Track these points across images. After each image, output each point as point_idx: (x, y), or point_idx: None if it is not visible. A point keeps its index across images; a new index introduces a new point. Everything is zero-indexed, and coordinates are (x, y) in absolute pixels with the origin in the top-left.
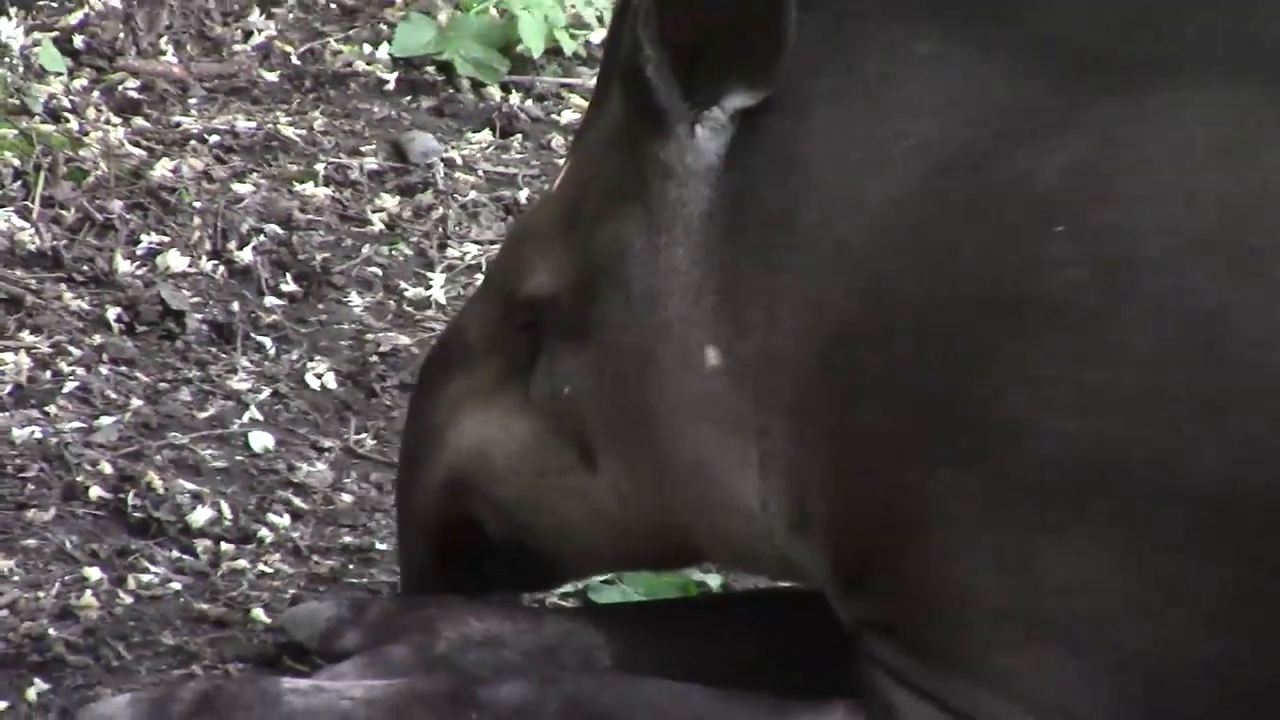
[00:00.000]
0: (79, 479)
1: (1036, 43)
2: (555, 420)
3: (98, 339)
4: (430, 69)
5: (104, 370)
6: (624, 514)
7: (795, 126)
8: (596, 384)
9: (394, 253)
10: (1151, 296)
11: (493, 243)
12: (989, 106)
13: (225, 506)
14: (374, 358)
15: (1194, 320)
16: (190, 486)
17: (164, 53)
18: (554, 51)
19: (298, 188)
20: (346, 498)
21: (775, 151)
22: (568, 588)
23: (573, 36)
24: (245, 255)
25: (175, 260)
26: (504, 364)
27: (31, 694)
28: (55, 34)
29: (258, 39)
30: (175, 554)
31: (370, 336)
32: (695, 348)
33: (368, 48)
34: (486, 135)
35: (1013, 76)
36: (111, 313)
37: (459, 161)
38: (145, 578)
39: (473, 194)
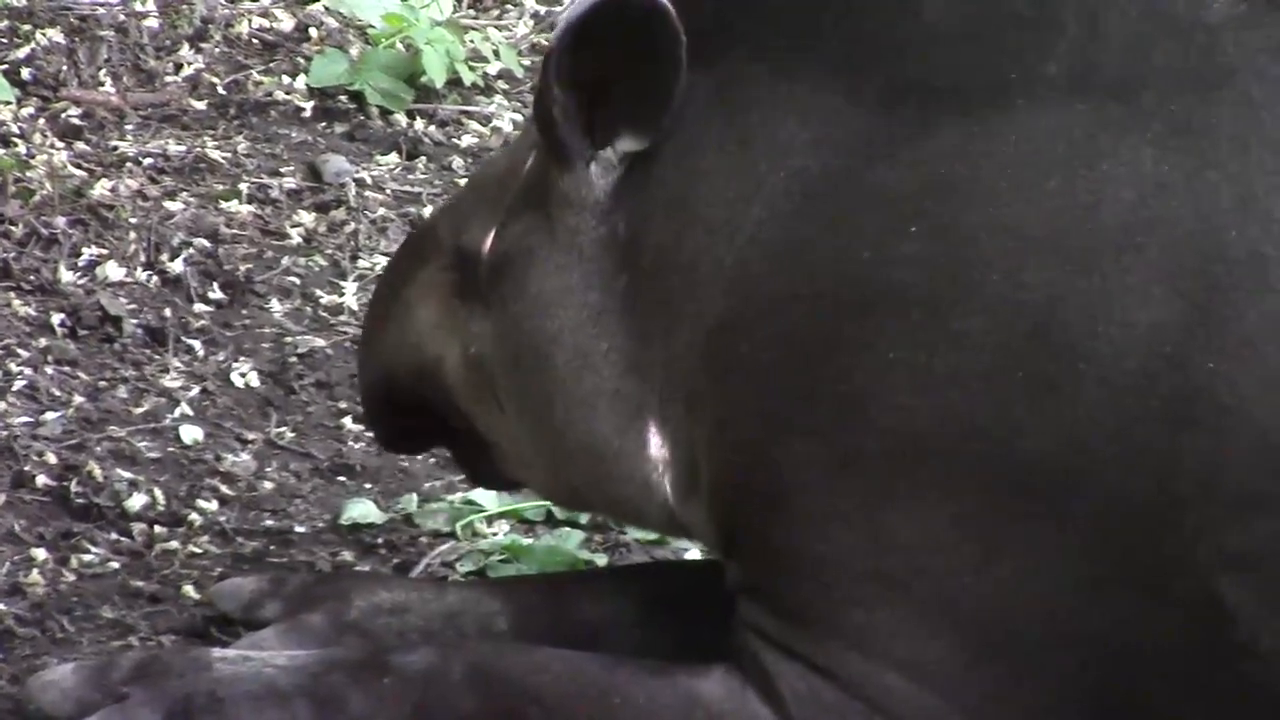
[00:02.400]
0: (26, 468)
1: (894, 83)
2: (473, 360)
3: (43, 342)
4: (343, 98)
5: (49, 370)
6: (533, 457)
7: (684, 171)
8: (498, 354)
9: (310, 264)
10: (989, 290)
11: None
12: (852, 138)
13: (159, 493)
14: (293, 358)
15: (1027, 311)
16: (127, 475)
17: (103, 83)
18: (454, 82)
19: (223, 205)
20: (268, 485)
21: (666, 192)
22: (468, 565)
23: (471, 68)
24: (176, 266)
25: (113, 270)
26: (456, 277)
27: None
28: (4, 66)
29: (187, 71)
30: (114, 536)
31: (289, 339)
32: (594, 353)
33: (286, 79)
34: (394, 158)
35: (874, 111)
36: (56, 318)
37: (369, 181)
38: (86, 558)
39: (381, 211)
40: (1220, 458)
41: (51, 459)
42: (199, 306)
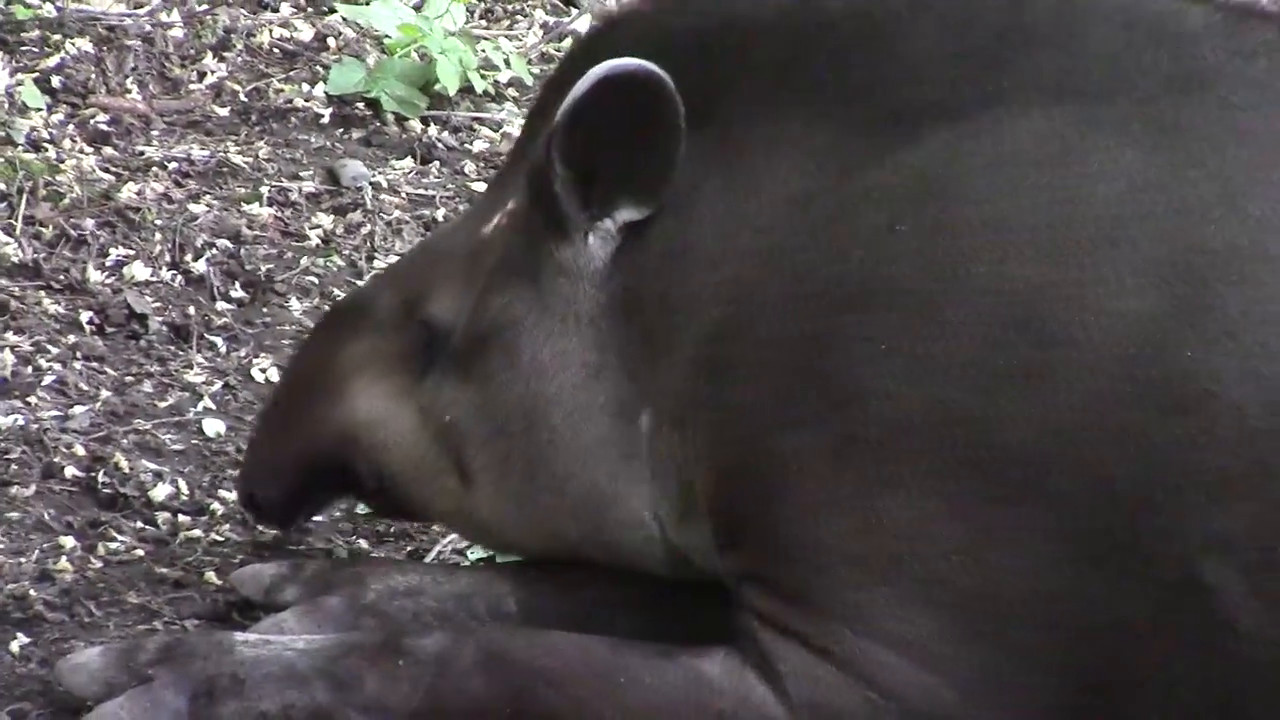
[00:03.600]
0: (56, 460)
1: (883, 107)
2: (436, 432)
3: (72, 339)
4: (360, 105)
5: (78, 366)
6: (497, 526)
7: (682, 221)
8: (477, 425)
9: (328, 264)
10: (977, 283)
11: None
12: (844, 157)
13: (182, 483)
14: None
15: (1014, 303)
16: (152, 466)
17: (130, 91)
18: (467, 90)
19: (245, 208)
20: None
21: (663, 245)
22: (479, 551)
23: (483, 76)
24: (200, 266)
25: (139, 270)
26: (405, 348)
27: (15, 646)
28: (36, 75)
29: (211, 79)
30: (139, 525)
31: None
32: (591, 407)
33: (306, 87)
34: (409, 162)
35: (864, 133)
36: (84, 316)
37: (385, 185)
38: (113, 545)
39: (397, 213)
40: (1201, 442)
41: (80, 451)
42: (221, 305)
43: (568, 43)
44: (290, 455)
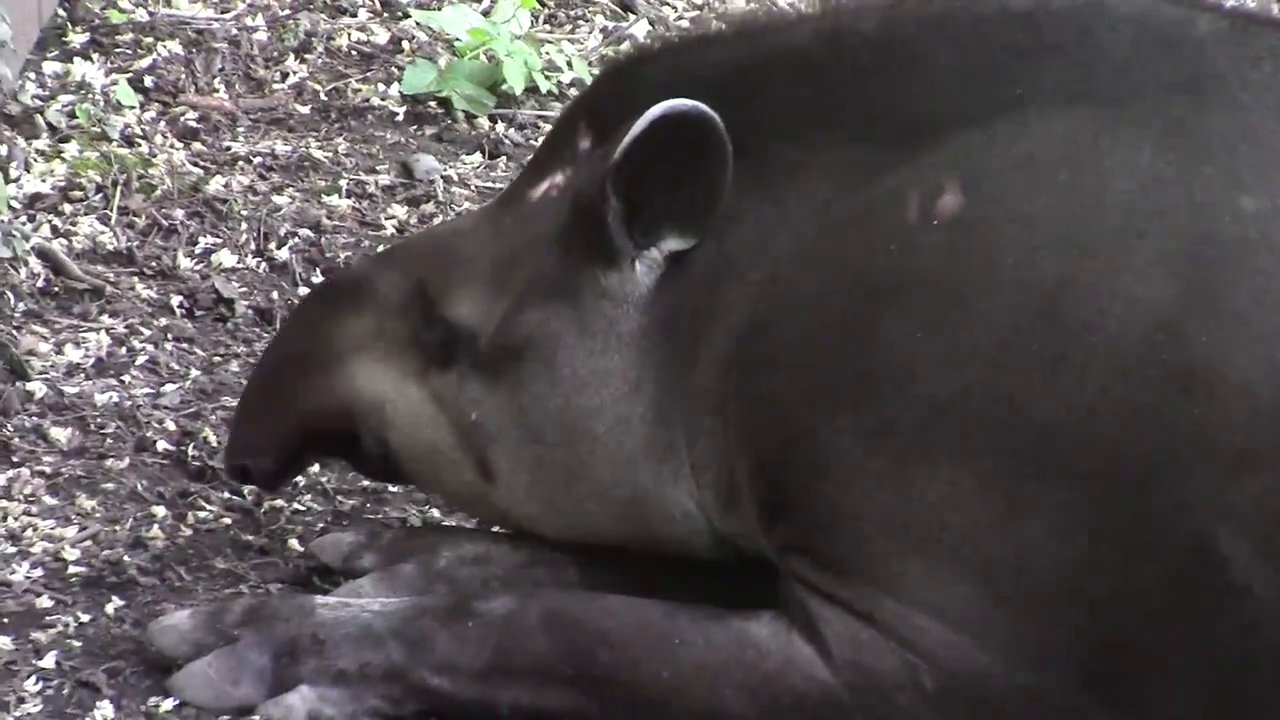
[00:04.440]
0: (148, 434)
1: (908, 122)
2: (458, 425)
3: (164, 322)
4: (432, 104)
5: (169, 347)
6: (520, 518)
7: (721, 245)
8: (505, 429)
9: None
10: (1005, 274)
11: None
12: (868, 168)
13: None
14: None
15: (1039, 293)
16: None
17: (217, 90)
18: (532, 89)
19: (325, 199)
20: None
21: (703, 269)
22: None
23: (547, 77)
24: (283, 254)
25: (226, 258)
26: (411, 335)
27: (110, 609)
28: (129, 75)
29: (293, 79)
30: (226, 495)
31: None
32: (632, 418)
33: (381, 86)
34: (477, 157)
35: (891, 146)
36: (175, 300)
37: (455, 179)
38: (202, 514)
39: (466, 205)
40: (1215, 421)
41: (170, 426)
42: (303, 290)
43: (626, 46)
44: (286, 426)
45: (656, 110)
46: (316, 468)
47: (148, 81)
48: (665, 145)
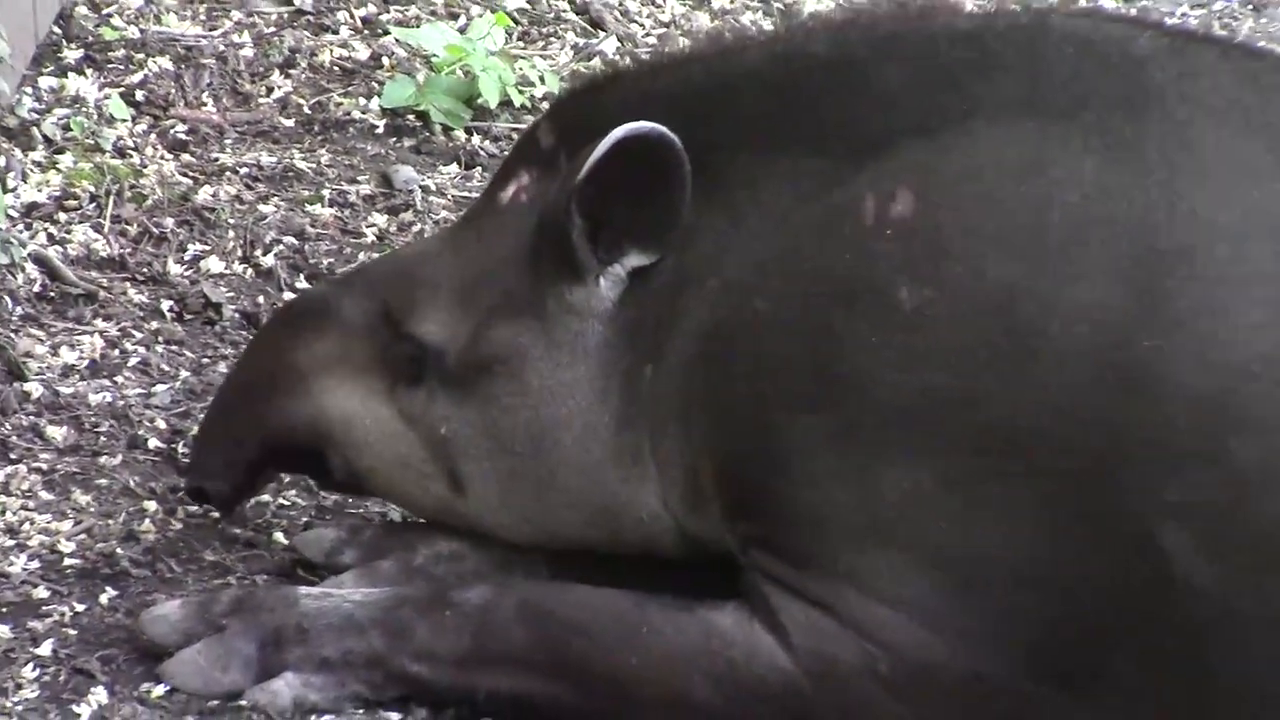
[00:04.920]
0: (140, 432)
1: (860, 137)
2: (428, 441)
3: (154, 325)
4: (410, 117)
5: (159, 349)
6: (492, 526)
7: (685, 256)
8: (475, 442)
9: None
10: (957, 281)
11: None
12: (824, 181)
13: None
14: None
15: (990, 298)
16: None
17: (205, 104)
18: (506, 104)
19: (309, 208)
20: None
21: (665, 280)
22: None
23: (520, 92)
24: (268, 260)
25: (214, 264)
26: (376, 355)
27: (103, 599)
28: (121, 89)
29: (278, 93)
30: None
31: None
32: (599, 426)
33: (362, 101)
34: (454, 168)
35: (845, 160)
36: (165, 305)
37: (433, 188)
38: (191, 509)
39: (444, 213)
40: (1159, 420)
41: (161, 425)
42: (288, 295)
43: (596, 62)
44: (247, 448)
45: (619, 132)
46: None
47: (139, 96)
48: (627, 166)
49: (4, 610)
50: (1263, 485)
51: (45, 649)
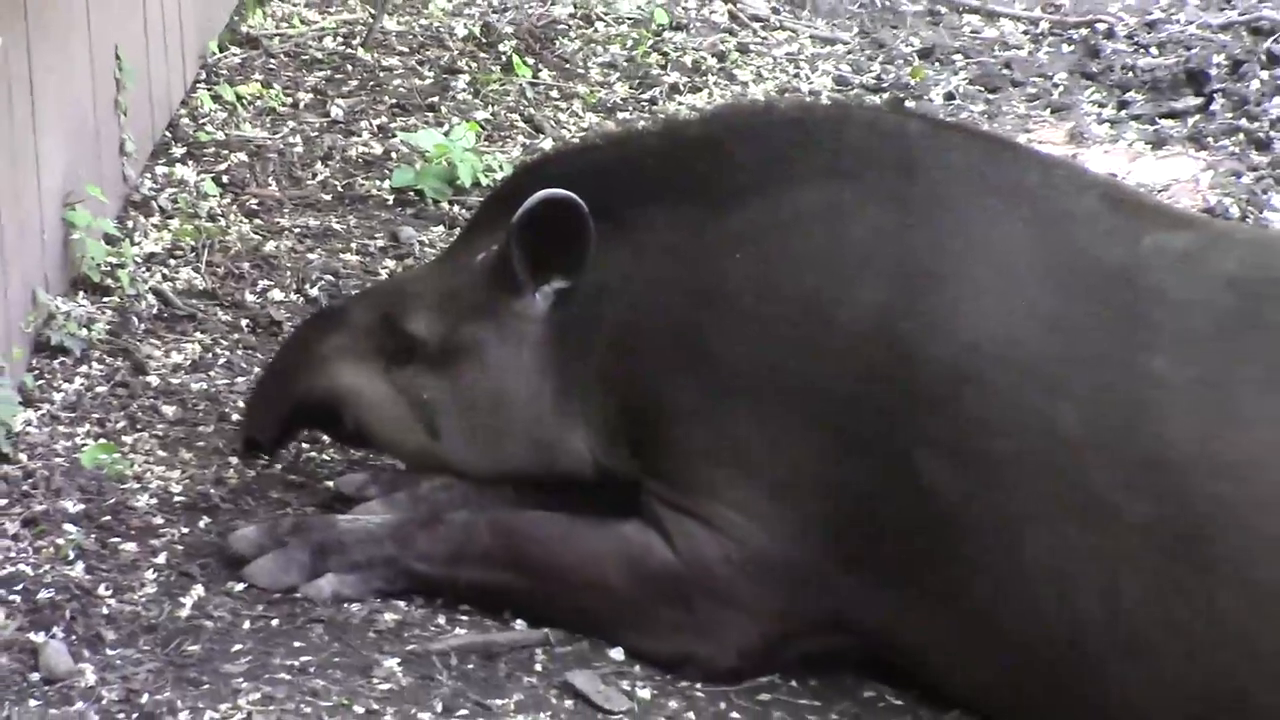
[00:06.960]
0: (225, 410)
1: (721, 191)
2: (410, 401)
3: (236, 336)
4: (411, 193)
5: (239, 353)
6: (459, 465)
7: (599, 277)
8: (448, 403)
9: None
10: (782, 290)
11: None
12: (697, 225)
13: None
14: None
15: (802, 300)
16: None
17: (270, 185)
18: (476, 184)
19: (341, 256)
20: None
21: (583, 294)
22: None
23: (486, 175)
24: (313, 291)
25: (276, 294)
26: (378, 347)
27: (201, 524)
28: (212, 174)
29: (320, 177)
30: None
31: None
32: (541, 393)
33: (378, 182)
34: (441, 228)
35: (711, 208)
36: (243, 322)
37: (427, 242)
38: (261, 463)
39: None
40: (913, 376)
41: (240, 405)
42: None
43: (536, 154)
44: (285, 409)
45: (539, 195)
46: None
47: (224, 179)
48: (546, 219)
49: (132, 532)
50: (985, 421)
51: (161, 559)
